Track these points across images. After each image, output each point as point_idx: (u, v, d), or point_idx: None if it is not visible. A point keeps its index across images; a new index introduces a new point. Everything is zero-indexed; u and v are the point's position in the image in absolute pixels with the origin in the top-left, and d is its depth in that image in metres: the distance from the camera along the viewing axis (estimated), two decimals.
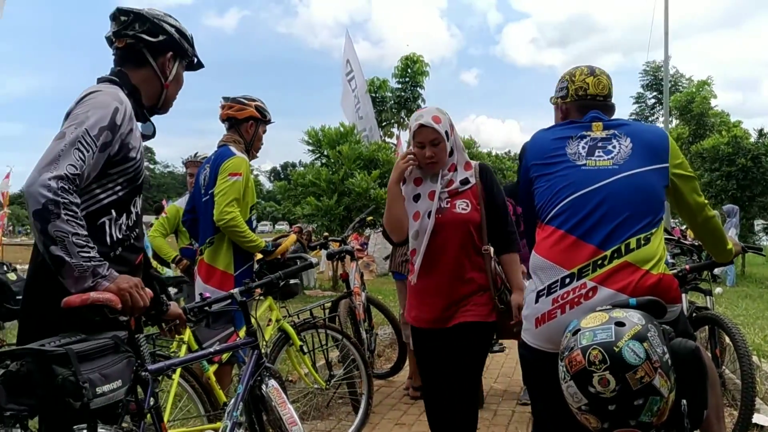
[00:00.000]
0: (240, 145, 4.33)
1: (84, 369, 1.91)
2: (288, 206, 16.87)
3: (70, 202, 2.07)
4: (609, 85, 2.71)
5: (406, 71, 17.03)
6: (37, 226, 2.05)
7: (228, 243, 4.22)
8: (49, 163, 2.09)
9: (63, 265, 2.07)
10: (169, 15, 2.63)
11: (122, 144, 2.33)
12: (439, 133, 3.08)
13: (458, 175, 3.19)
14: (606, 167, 2.47)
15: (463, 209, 3.12)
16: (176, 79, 2.65)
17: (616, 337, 1.98)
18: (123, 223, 2.41)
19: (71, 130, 2.18)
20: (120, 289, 2.15)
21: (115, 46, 2.54)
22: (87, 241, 2.10)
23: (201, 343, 3.81)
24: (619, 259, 2.33)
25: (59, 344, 1.94)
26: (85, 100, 2.31)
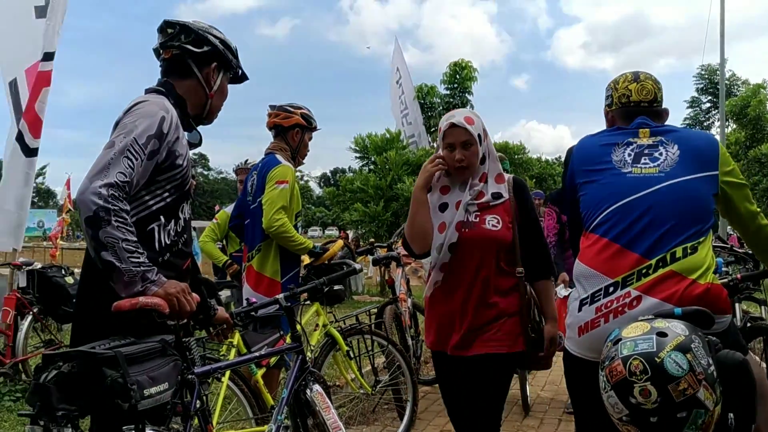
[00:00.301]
0: (286, 153, 4.40)
1: (132, 371, 1.97)
2: (336, 212, 16.99)
3: (120, 209, 2.14)
4: (655, 91, 2.65)
5: (455, 77, 16.95)
6: (89, 232, 2.12)
7: (275, 251, 4.30)
8: (99, 171, 2.17)
9: (113, 270, 2.13)
10: (214, 27, 2.69)
11: (169, 152, 2.40)
12: (471, 135, 2.81)
13: (489, 187, 2.88)
14: (652, 175, 2.43)
15: (494, 226, 2.80)
16: (221, 89, 2.72)
17: (657, 347, 1.94)
18: (171, 228, 2.48)
19: (120, 139, 2.25)
20: (168, 294, 2.21)
21: (162, 57, 2.63)
22: (136, 247, 2.17)
23: (250, 347, 3.87)
24: (665, 268, 2.29)
25: (109, 347, 2.00)
26: (133, 109, 2.39)
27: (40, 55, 5.87)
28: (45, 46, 5.87)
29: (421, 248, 2.93)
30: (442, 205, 2.88)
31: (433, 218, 2.88)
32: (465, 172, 2.85)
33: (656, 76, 2.69)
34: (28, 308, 5.93)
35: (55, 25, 5.95)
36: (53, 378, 1.90)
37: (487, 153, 2.90)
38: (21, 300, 5.89)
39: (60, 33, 6.01)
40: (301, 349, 3.28)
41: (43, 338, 6.19)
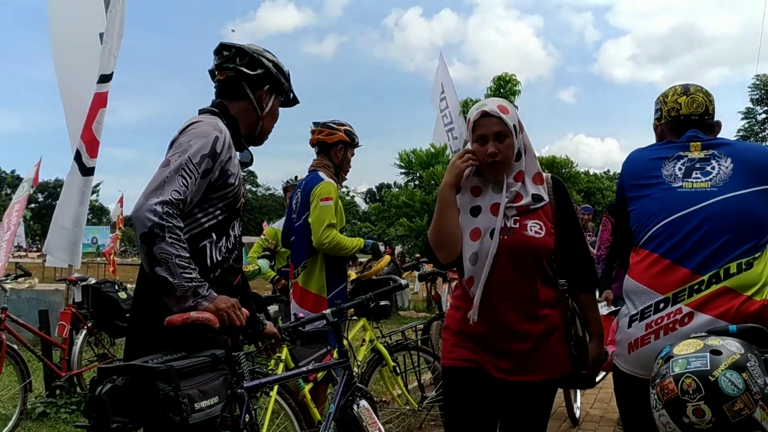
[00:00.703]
0: (329, 170, 4.45)
1: (184, 385, 2.01)
2: (382, 227, 17.07)
3: (174, 226, 2.20)
4: (706, 103, 2.60)
5: (499, 91, 16.95)
6: (144, 248, 2.19)
7: (321, 267, 4.33)
8: (155, 189, 2.24)
9: (166, 285, 2.19)
10: (267, 51, 2.76)
11: (222, 170, 2.46)
12: (506, 125, 2.47)
13: (528, 187, 2.53)
14: (703, 189, 2.39)
15: (537, 232, 2.46)
16: (272, 112, 2.78)
17: (711, 366, 1.90)
18: (223, 245, 2.53)
19: (175, 158, 2.32)
20: (218, 309, 2.26)
21: (216, 78, 2.70)
22: (189, 263, 2.23)
23: (297, 362, 3.90)
24: (718, 285, 2.24)
25: (161, 361, 2.04)
26: (188, 129, 2.46)
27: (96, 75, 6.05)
28: (101, 68, 6.04)
29: (448, 257, 2.56)
30: (475, 209, 2.54)
31: (464, 223, 2.53)
32: (499, 168, 2.50)
33: (708, 87, 2.64)
34: (83, 323, 6.08)
35: (111, 48, 6.13)
36: (108, 391, 1.95)
37: (524, 148, 2.57)
38: (76, 315, 6.04)
39: (116, 55, 6.20)
40: (348, 365, 3.30)
41: (96, 352, 6.32)
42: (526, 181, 2.54)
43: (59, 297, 7.30)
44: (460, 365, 2.56)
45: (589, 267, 2.65)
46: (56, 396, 5.70)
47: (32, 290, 9.71)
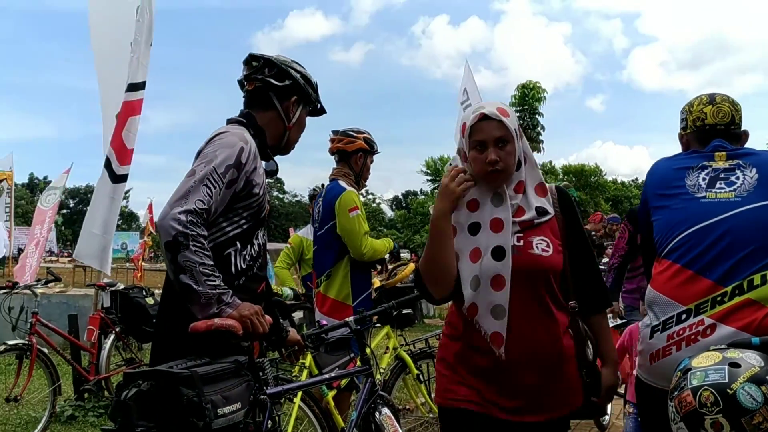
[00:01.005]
0: (349, 178, 4.47)
1: (207, 391, 2.05)
2: (408, 234, 17.09)
3: (197, 234, 2.26)
4: (732, 113, 2.57)
5: (524, 99, 16.89)
6: (168, 256, 2.25)
7: (345, 275, 4.35)
8: (180, 198, 2.30)
9: (191, 292, 2.25)
10: (296, 62, 2.81)
11: (247, 181, 2.51)
12: (507, 129, 2.17)
13: (531, 200, 2.24)
14: (727, 200, 2.37)
15: (544, 250, 2.17)
16: (299, 122, 2.82)
17: (730, 378, 1.88)
18: (247, 253, 2.57)
19: (201, 168, 2.38)
20: (242, 316, 2.30)
21: (245, 88, 2.76)
22: (213, 271, 2.28)
23: (321, 369, 3.93)
24: (741, 296, 2.22)
25: (185, 366, 2.08)
26: (215, 140, 2.51)
27: (125, 84, 6.13)
28: (129, 77, 6.12)
29: (442, 292, 2.26)
30: (473, 226, 2.22)
31: (461, 244, 2.22)
32: (500, 177, 2.20)
33: (739, 95, 2.64)
34: (111, 327, 6.17)
35: (140, 57, 6.20)
36: (133, 395, 2.00)
37: (524, 156, 2.27)
38: (104, 319, 6.13)
39: (145, 64, 6.27)
40: (371, 372, 3.32)
41: (124, 356, 6.42)
42: (528, 193, 2.26)
43: (88, 302, 7.42)
44: (461, 406, 2.23)
45: (602, 285, 2.41)
46: (84, 399, 5.81)
47: (62, 295, 9.87)
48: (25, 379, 5.16)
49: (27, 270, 10.50)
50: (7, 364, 6.75)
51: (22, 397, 5.21)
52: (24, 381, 5.16)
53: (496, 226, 2.18)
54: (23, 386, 5.16)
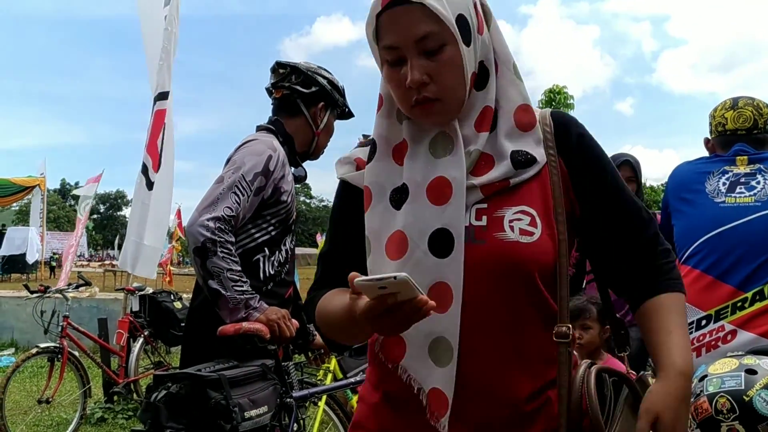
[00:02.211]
0: None
1: (234, 394, 2.09)
2: None
3: (225, 241, 2.30)
4: (755, 117, 2.53)
5: (551, 104, 16.77)
6: (197, 262, 2.31)
7: None
8: (208, 205, 2.35)
9: (219, 297, 2.30)
10: (322, 68, 2.83)
11: (275, 188, 2.55)
12: (438, 20, 1.19)
13: (502, 140, 1.28)
14: (747, 204, 2.34)
15: (524, 232, 1.22)
16: (327, 127, 2.85)
17: (746, 385, 1.86)
18: (275, 259, 2.61)
19: (229, 175, 2.42)
20: (269, 320, 2.36)
21: (273, 96, 2.79)
22: (240, 276, 2.32)
23: (346, 373, 3.95)
24: (762, 302, 2.20)
25: (213, 370, 2.12)
26: (243, 147, 2.55)
27: (155, 92, 6.14)
28: (159, 86, 6.11)
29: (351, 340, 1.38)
30: (397, 192, 1.30)
31: (374, 223, 1.31)
32: (433, 111, 1.26)
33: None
34: (140, 331, 6.24)
35: (169, 65, 6.22)
36: (163, 398, 2.04)
37: (491, 62, 1.31)
38: (133, 323, 6.20)
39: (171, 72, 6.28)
40: None
41: (153, 360, 6.48)
42: (499, 127, 1.29)
43: (118, 306, 7.53)
44: None
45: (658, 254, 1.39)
46: (114, 402, 5.90)
47: (93, 299, 10.02)
48: (56, 382, 5.24)
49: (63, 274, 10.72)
50: (39, 366, 6.88)
51: (53, 399, 5.28)
52: (55, 383, 5.23)
53: (438, 192, 1.25)
54: (54, 388, 5.23)
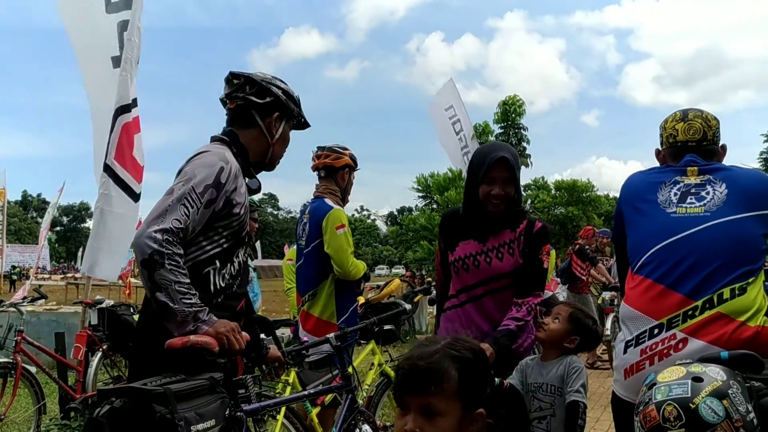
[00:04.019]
0: (335, 195, 4.48)
1: (181, 408, 2.05)
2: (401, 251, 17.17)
3: (173, 253, 2.27)
4: (704, 129, 2.57)
5: (507, 115, 16.94)
6: (144, 274, 2.26)
7: (330, 293, 4.35)
8: (156, 217, 2.32)
9: (167, 310, 2.26)
10: (277, 78, 2.83)
11: (227, 200, 2.51)
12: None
13: None
14: (696, 214, 2.39)
15: None
16: (282, 138, 2.83)
17: (692, 393, 1.89)
18: (226, 272, 2.58)
19: (179, 187, 2.39)
20: (218, 333, 2.32)
21: (227, 106, 2.76)
22: (189, 289, 2.29)
23: (305, 385, 3.93)
24: (711, 310, 2.23)
25: (159, 383, 2.08)
26: (194, 159, 2.53)
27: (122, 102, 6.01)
28: (121, 99, 5.99)
29: None
30: None
31: None
32: None
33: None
34: (99, 345, 6.13)
35: (132, 75, 6.12)
36: (106, 413, 1.99)
37: None
38: (92, 337, 6.09)
39: (135, 82, 6.21)
40: (352, 389, 3.32)
41: (112, 374, 6.39)
42: None
43: (78, 319, 7.39)
44: None
45: None
46: (70, 418, 5.75)
47: (52, 313, 9.84)
48: (9, 399, 5.12)
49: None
50: None
51: (6, 417, 5.17)
52: (8, 400, 5.12)
53: None
54: (7, 405, 5.12)
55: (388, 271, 70.53)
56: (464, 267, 3.09)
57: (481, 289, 3.07)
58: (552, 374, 2.82)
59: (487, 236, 3.07)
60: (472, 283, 3.08)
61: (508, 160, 2.98)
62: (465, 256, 3.10)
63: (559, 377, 2.79)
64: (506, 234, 3.06)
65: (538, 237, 3.05)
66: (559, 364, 2.83)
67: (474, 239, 3.09)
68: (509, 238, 3.06)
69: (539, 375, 2.86)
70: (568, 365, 2.81)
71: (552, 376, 2.82)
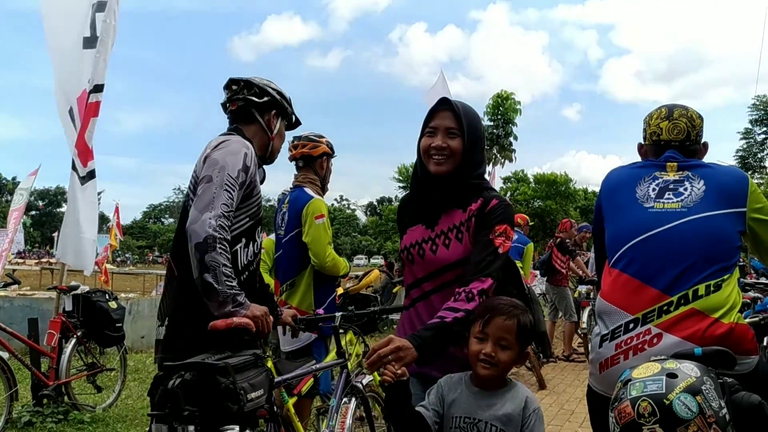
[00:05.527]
0: (315, 185, 4.47)
1: (239, 379, 2.29)
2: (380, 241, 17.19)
3: (223, 238, 2.54)
4: (688, 129, 2.59)
5: (498, 109, 16.98)
6: (196, 256, 2.50)
7: (308, 283, 4.35)
8: (206, 204, 2.57)
9: (211, 290, 2.51)
10: (272, 81, 3.14)
11: (251, 182, 2.81)
12: None
13: None
14: (673, 210, 2.40)
15: None
16: (279, 133, 3.15)
17: (666, 389, 1.90)
18: (249, 250, 2.87)
19: (216, 174, 2.65)
20: (254, 316, 2.61)
21: (228, 109, 3.05)
22: (231, 273, 2.56)
23: (281, 374, 3.92)
24: (686, 306, 2.25)
25: (216, 359, 2.32)
26: (220, 147, 2.78)
27: (88, 85, 6.02)
28: (95, 78, 6.02)
29: None
30: None
31: None
32: None
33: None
34: (73, 332, 6.06)
35: (105, 58, 6.10)
36: (179, 384, 2.21)
37: None
38: (66, 323, 6.02)
39: (107, 65, 6.17)
40: (346, 365, 3.63)
41: (86, 361, 6.32)
42: None
43: (52, 305, 7.31)
44: None
45: None
46: (43, 405, 5.69)
47: (25, 298, 9.73)
48: None
49: None
50: None
51: None
52: None
53: None
54: None
55: (366, 261, 70.53)
56: (409, 258, 2.57)
57: (430, 284, 2.52)
58: (496, 410, 2.18)
59: (437, 219, 2.53)
60: (419, 276, 2.55)
61: (452, 104, 2.51)
62: (411, 244, 2.58)
63: (506, 417, 2.16)
64: (457, 215, 2.50)
65: (492, 215, 2.44)
66: (508, 397, 2.21)
67: (422, 224, 2.56)
68: (459, 220, 2.49)
69: (475, 407, 2.20)
70: (525, 404, 2.19)
71: (496, 412, 2.18)
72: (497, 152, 16.93)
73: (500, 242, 2.40)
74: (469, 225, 2.46)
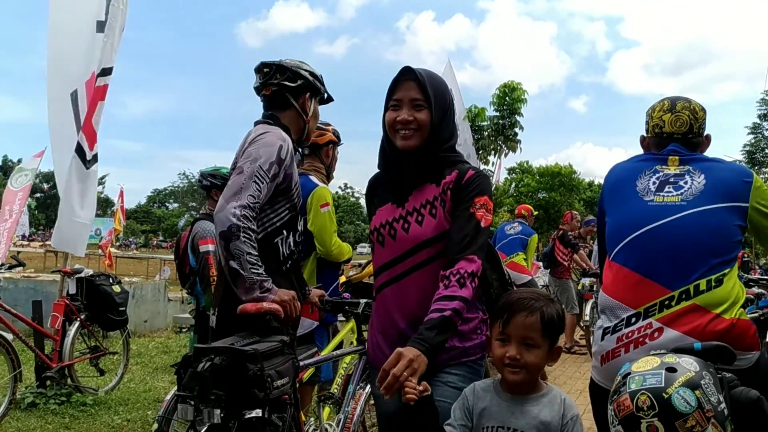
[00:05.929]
0: (320, 173, 4.47)
1: (266, 366, 2.31)
2: None
3: (248, 228, 2.59)
4: (691, 122, 2.58)
5: (504, 99, 16.87)
6: (222, 244, 2.57)
7: (311, 271, 4.35)
8: (233, 194, 2.62)
9: (237, 276, 2.58)
10: (303, 62, 3.16)
11: (286, 174, 2.83)
12: None
13: None
14: (673, 203, 2.40)
15: None
16: (314, 114, 3.19)
17: (666, 383, 1.91)
18: (291, 240, 2.94)
19: (247, 166, 2.69)
20: (283, 302, 2.66)
21: (262, 94, 3.07)
22: (257, 260, 2.61)
23: None
24: (688, 301, 2.25)
25: (244, 344, 2.34)
26: (257, 140, 2.81)
27: (97, 68, 6.05)
28: (103, 62, 6.04)
29: None
30: None
31: None
32: None
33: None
34: (76, 314, 6.11)
35: (113, 42, 6.13)
36: (209, 368, 2.23)
37: None
38: (69, 306, 6.07)
39: (117, 49, 6.19)
40: (365, 351, 3.52)
41: (89, 344, 6.37)
42: None
43: (56, 288, 7.34)
44: None
45: None
46: (46, 387, 5.76)
47: (30, 280, 9.77)
48: None
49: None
50: None
51: None
52: None
53: None
54: None
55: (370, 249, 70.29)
56: (380, 239, 2.44)
57: (401, 266, 2.37)
58: (533, 417, 2.03)
59: (407, 196, 2.40)
60: (388, 260, 2.40)
61: (416, 73, 2.35)
62: (381, 224, 2.44)
63: (544, 425, 2.01)
64: (429, 190, 2.37)
65: (469, 187, 2.31)
66: (544, 403, 2.06)
67: (393, 202, 2.44)
68: (433, 195, 2.35)
69: (508, 415, 2.05)
70: (564, 410, 2.05)
71: (533, 420, 2.03)
72: (502, 142, 16.86)
73: (481, 215, 2.28)
74: (444, 198, 2.33)
